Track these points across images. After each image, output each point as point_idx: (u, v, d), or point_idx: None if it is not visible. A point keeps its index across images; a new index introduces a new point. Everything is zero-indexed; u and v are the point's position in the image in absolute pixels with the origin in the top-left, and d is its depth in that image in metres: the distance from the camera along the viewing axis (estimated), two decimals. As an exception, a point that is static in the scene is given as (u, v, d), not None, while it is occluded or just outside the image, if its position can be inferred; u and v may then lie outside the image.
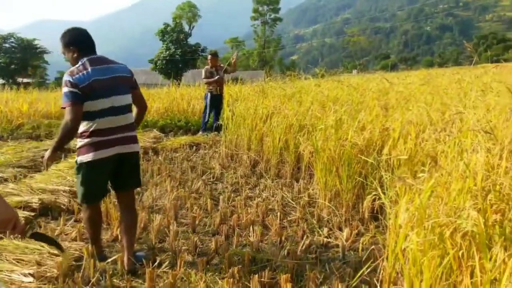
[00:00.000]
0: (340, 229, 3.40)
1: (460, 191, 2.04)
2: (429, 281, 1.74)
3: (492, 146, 2.79)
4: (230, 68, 7.87)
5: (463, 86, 7.22)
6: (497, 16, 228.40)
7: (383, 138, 4.01)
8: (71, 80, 2.46)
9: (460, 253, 1.67)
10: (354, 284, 2.46)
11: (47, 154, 2.58)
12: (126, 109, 2.65)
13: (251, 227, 3.29)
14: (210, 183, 4.67)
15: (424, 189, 1.96)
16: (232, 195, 4.18)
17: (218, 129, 7.00)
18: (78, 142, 2.59)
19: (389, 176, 3.22)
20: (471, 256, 1.64)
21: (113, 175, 2.70)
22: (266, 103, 5.75)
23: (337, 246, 3.08)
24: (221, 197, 4.05)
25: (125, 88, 2.65)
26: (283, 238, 3.17)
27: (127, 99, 2.66)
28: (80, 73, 2.49)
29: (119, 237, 3.04)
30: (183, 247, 2.99)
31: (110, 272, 2.63)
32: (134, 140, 2.70)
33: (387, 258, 2.19)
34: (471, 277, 1.65)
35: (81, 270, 2.58)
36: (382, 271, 2.24)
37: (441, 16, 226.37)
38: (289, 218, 3.66)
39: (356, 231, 3.32)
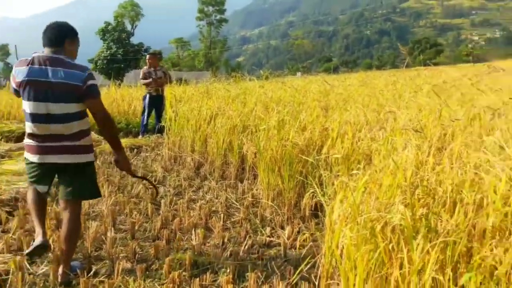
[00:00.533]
0: (283, 228, 3.44)
1: (391, 186, 2.14)
2: (363, 275, 1.81)
3: (421, 143, 2.97)
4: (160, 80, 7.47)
5: (397, 87, 7.62)
6: (429, 22, 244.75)
7: (322, 138, 4.13)
8: (13, 70, 2.40)
9: (390, 246, 1.75)
10: (294, 281, 2.50)
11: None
12: (64, 118, 2.41)
13: (193, 230, 3.23)
14: (151, 187, 4.53)
15: (357, 186, 2.04)
16: (175, 198, 4.09)
17: (160, 131, 6.83)
18: None
19: (328, 174, 3.33)
20: (400, 249, 1.72)
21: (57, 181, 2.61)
22: (210, 104, 5.70)
23: (279, 244, 3.12)
24: (162, 201, 3.95)
25: (66, 96, 2.38)
26: (225, 240, 3.15)
27: (66, 108, 2.39)
28: (21, 67, 2.37)
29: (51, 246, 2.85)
30: (121, 254, 2.88)
31: (41, 285, 2.47)
32: (70, 150, 2.47)
33: (324, 255, 2.24)
34: (400, 268, 1.73)
35: (7, 285, 2.40)
36: (320, 267, 2.29)
37: (379, 21, 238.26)
38: (232, 219, 3.65)
39: (298, 229, 3.38)
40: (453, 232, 1.69)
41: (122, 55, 42.17)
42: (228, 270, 2.61)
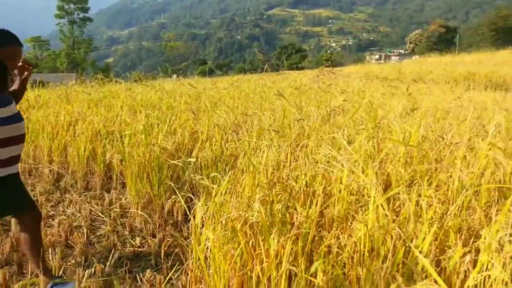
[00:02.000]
0: (154, 236, 3.33)
1: (252, 185, 2.23)
2: (227, 274, 1.84)
3: (282, 143, 3.18)
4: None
5: (265, 90, 8.06)
6: (294, 29, 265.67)
7: (192, 141, 4.13)
8: None
9: (250, 244, 1.82)
10: (164, 290, 2.44)
11: None
12: None
13: (50, 250, 2.91)
14: None
15: (219, 189, 2.07)
16: (29, 216, 3.62)
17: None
18: None
19: (198, 177, 3.33)
20: (259, 245, 1.80)
21: None
22: (70, 109, 5.21)
23: (150, 254, 3.01)
24: (13, 220, 3.46)
25: None
26: (89, 256, 2.91)
27: None
28: None
29: None
30: (-43, 289, 2.43)
31: None
32: None
33: (193, 259, 2.23)
34: (261, 263, 1.81)
35: None
36: (189, 273, 2.27)
37: (249, 26, 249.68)
38: (98, 233, 3.39)
39: (170, 236, 3.30)
40: (304, 223, 1.83)
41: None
42: (91, 289, 2.41)
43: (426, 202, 1.87)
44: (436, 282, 1.14)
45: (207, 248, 2.02)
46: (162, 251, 3.05)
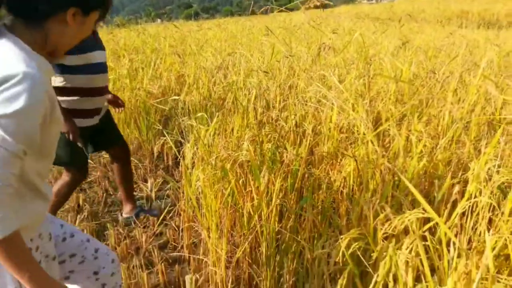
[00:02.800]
0: (145, 181, 3.34)
1: (241, 126, 2.20)
2: (219, 212, 1.86)
3: (271, 84, 3.11)
4: None
5: (252, 32, 7.80)
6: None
7: (180, 85, 4.03)
8: None
9: (240, 182, 1.81)
10: (158, 231, 2.48)
11: None
12: None
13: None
14: None
15: (208, 129, 2.04)
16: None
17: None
18: None
19: (186, 121, 3.28)
20: (249, 183, 1.79)
21: None
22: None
23: (142, 198, 3.03)
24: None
25: None
26: (81, 202, 2.92)
27: None
28: None
29: None
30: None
31: None
32: None
33: (184, 200, 2.25)
34: (252, 201, 1.82)
35: None
36: (181, 213, 2.30)
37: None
38: (89, 180, 3.38)
39: (161, 180, 3.31)
40: (294, 161, 1.82)
41: None
42: (85, 232, 2.44)
43: (416, 137, 1.86)
44: (425, 211, 1.15)
45: (198, 190, 2.02)
46: (154, 194, 3.07)
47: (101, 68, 2.18)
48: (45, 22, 0.93)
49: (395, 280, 1.22)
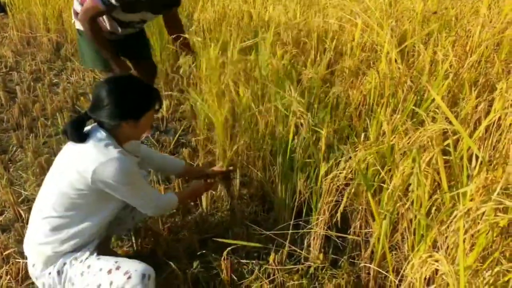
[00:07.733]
0: (160, 102, 3.33)
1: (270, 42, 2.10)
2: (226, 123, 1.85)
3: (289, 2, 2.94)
4: None
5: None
6: None
7: (193, 2, 3.86)
8: None
9: (259, 93, 1.77)
10: (173, 149, 2.53)
11: None
12: None
13: (57, 114, 2.94)
14: (2, 74, 3.89)
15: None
16: (33, 84, 3.59)
17: (2, 9, 5.67)
18: None
19: (201, 40, 3.17)
20: (267, 99, 1.76)
21: None
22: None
23: (158, 119, 3.04)
24: (18, 87, 3.44)
25: None
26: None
27: None
28: None
29: None
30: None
31: None
32: None
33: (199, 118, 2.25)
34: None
35: None
36: (197, 130, 2.31)
37: None
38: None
39: (176, 101, 3.30)
40: (312, 79, 1.76)
41: None
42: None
43: (442, 54, 1.76)
44: (450, 122, 1.11)
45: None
46: (171, 115, 3.08)
47: None
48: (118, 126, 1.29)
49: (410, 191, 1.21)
